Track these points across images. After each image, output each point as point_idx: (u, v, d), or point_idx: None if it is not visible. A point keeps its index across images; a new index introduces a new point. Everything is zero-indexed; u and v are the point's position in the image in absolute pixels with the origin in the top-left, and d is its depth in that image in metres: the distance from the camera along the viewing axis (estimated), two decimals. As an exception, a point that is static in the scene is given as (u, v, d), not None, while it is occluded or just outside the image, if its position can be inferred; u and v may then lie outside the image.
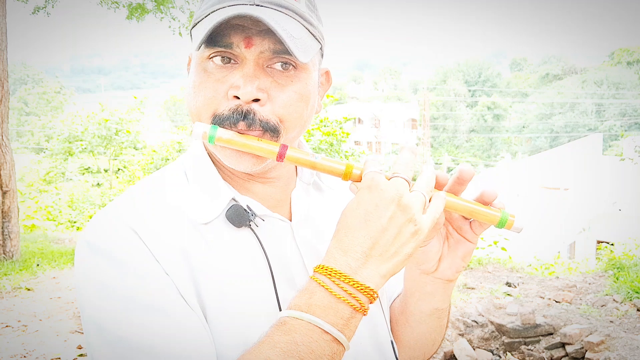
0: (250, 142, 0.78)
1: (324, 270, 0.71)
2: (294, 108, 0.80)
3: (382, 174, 0.75)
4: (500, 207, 0.83)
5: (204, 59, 0.80)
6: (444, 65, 54.48)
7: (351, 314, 0.70)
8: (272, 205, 0.88)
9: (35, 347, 4.23)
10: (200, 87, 0.80)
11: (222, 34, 0.77)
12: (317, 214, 0.93)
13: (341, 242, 0.72)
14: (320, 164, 0.80)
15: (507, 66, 66.46)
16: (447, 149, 41.27)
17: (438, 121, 42.72)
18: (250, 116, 0.77)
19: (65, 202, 16.64)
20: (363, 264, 0.71)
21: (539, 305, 4.96)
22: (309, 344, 0.67)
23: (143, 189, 0.84)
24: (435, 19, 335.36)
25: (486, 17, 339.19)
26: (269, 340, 0.68)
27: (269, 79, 0.79)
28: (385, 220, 0.72)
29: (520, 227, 0.82)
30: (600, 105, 39.84)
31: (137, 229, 0.76)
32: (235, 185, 0.87)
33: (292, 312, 0.69)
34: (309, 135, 14.52)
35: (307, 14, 0.82)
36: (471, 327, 4.80)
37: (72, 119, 19.36)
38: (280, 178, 0.90)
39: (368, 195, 0.73)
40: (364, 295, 0.70)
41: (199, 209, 0.82)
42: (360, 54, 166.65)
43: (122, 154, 19.97)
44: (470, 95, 45.94)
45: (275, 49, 0.77)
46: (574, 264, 7.29)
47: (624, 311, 4.69)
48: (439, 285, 0.91)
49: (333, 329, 0.68)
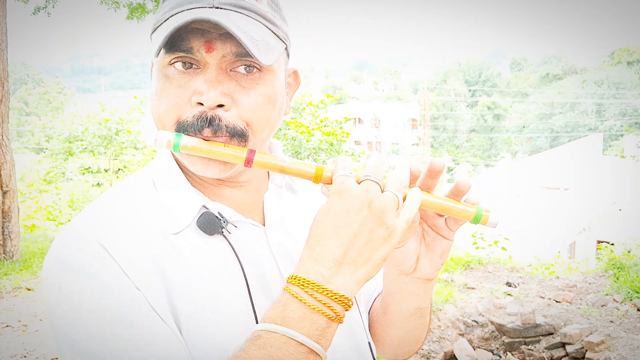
0: (217, 148, 0.76)
1: (296, 280, 0.70)
2: (260, 111, 0.78)
3: (353, 177, 0.73)
4: (475, 203, 0.81)
5: (165, 65, 0.78)
6: (444, 65, 54.50)
7: (326, 323, 0.69)
8: (244, 210, 0.86)
9: (35, 347, 4.23)
10: (163, 94, 0.78)
11: (182, 38, 0.75)
12: (291, 216, 0.91)
13: (313, 250, 0.71)
14: (289, 168, 0.78)
15: (507, 66, 66.44)
16: (447, 149, 41.27)
17: (438, 121, 42.72)
18: (215, 122, 0.75)
19: (66, 202, 16.65)
20: (336, 272, 0.69)
21: (539, 305, 4.96)
22: (284, 357, 0.66)
23: (110, 201, 0.81)
24: (435, 19, 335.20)
25: (486, 17, 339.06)
26: (244, 355, 0.67)
27: (233, 83, 0.77)
28: (356, 226, 0.70)
29: (495, 221, 0.81)
30: (600, 105, 39.84)
31: (105, 244, 0.73)
32: (205, 191, 0.85)
33: (267, 325, 0.68)
34: (309, 135, 14.52)
35: (270, 14, 0.80)
36: (471, 327, 4.80)
37: (73, 119, 19.37)
38: (251, 181, 0.88)
39: (338, 201, 0.71)
40: (339, 304, 0.69)
41: (169, 218, 0.80)
42: (360, 54, 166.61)
43: (122, 154, 19.97)
44: (471, 95, 45.93)
45: (237, 52, 0.75)
46: (574, 264, 7.30)
47: (624, 311, 4.69)
48: (419, 284, 0.90)
49: (309, 340, 0.67)
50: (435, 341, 4.59)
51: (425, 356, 4.43)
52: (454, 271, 6.08)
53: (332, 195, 0.73)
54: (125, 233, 0.76)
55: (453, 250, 7.88)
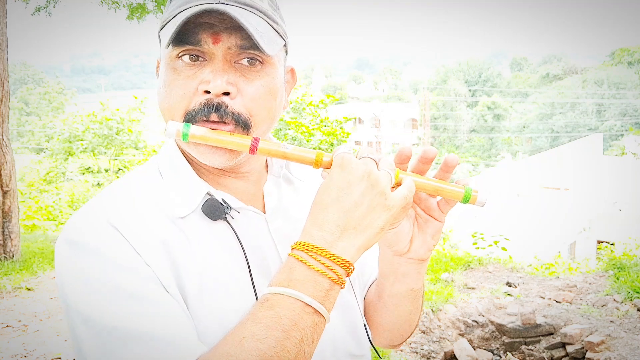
0: (223, 137, 0.80)
1: (301, 246, 0.74)
2: (262, 101, 0.83)
3: (352, 154, 0.79)
4: (464, 184, 0.86)
5: (173, 59, 0.82)
6: (445, 65, 54.44)
7: (330, 285, 0.73)
8: (245, 199, 0.91)
9: (35, 347, 4.24)
10: (171, 86, 0.82)
11: (190, 32, 0.79)
12: (289, 205, 0.96)
13: (316, 218, 0.76)
14: (291, 154, 0.83)
15: (508, 66, 66.41)
16: (447, 149, 41.23)
17: (438, 121, 42.70)
18: (222, 108, 0.80)
19: (66, 202, 16.63)
20: (338, 237, 0.74)
21: (539, 305, 4.96)
22: (291, 317, 0.70)
23: (119, 188, 0.86)
24: (435, 19, 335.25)
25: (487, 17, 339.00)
26: (253, 316, 0.71)
27: (237, 74, 0.81)
28: (357, 196, 0.75)
29: (483, 200, 0.86)
30: (600, 105, 39.82)
31: (117, 225, 0.77)
32: (209, 181, 0.89)
33: (274, 289, 0.72)
34: (310, 135, 14.52)
35: (271, 12, 0.84)
36: (472, 327, 4.80)
37: (73, 118, 19.36)
38: (252, 172, 0.93)
39: (339, 173, 0.77)
40: (341, 267, 0.74)
41: (175, 203, 0.84)
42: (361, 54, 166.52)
43: (122, 154, 19.97)
44: (471, 95, 45.91)
45: (242, 44, 0.80)
46: (574, 264, 7.29)
47: (625, 311, 4.69)
48: (413, 265, 0.94)
49: (314, 301, 0.71)
50: (435, 341, 4.59)
51: (425, 356, 4.43)
52: (454, 271, 6.07)
53: (334, 168, 0.78)
54: (135, 215, 0.80)
55: (453, 250, 7.88)
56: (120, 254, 0.75)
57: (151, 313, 0.72)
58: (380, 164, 0.80)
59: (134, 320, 0.71)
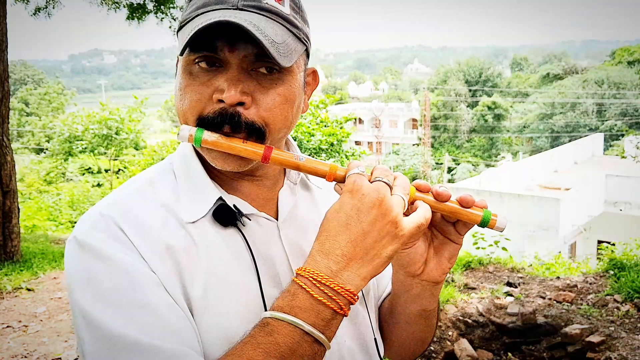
0: (235, 144, 0.79)
1: (305, 272, 0.73)
2: (278, 110, 0.81)
3: (365, 177, 0.77)
4: (483, 207, 0.84)
5: (189, 62, 0.81)
6: (445, 65, 54.43)
7: (332, 315, 0.72)
8: (259, 204, 0.90)
9: (36, 348, 4.24)
10: (186, 90, 0.81)
11: (207, 38, 0.77)
12: (303, 213, 0.95)
13: (323, 245, 0.74)
14: (304, 165, 0.82)
15: (508, 66, 66.41)
16: (447, 149, 41.21)
17: (439, 121, 42.67)
18: (235, 119, 0.79)
19: (66, 203, 16.64)
20: (344, 267, 0.73)
21: (539, 305, 4.95)
22: (290, 344, 0.69)
23: (131, 188, 0.85)
24: (435, 19, 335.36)
25: (487, 16, 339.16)
26: (252, 340, 0.70)
27: (253, 82, 0.80)
28: (366, 225, 0.73)
29: (502, 225, 0.84)
30: (601, 105, 39.79)
31: (125, 227, 0.77)
32: (222, 184, 0.88)
33: (275, 314, 0.71)
34: (310, 136, 14.51)
35: (292, 17, 0.82)
36: (472, 327, 4.80)
37: (73, 119, 19.33)
38: (268, 177, 0.91)
39: (350, 199, 0.75)
40: (344, 297, 0.72)
41: (186, 207, 0.83)
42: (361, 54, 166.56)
43: (122, 154, 19.95)
44: (471, 95, 45.88)
45: (258, 53, 0.78)
46: (574, 264, 7.28)
47: (625, 311, 4.69)
48: (426, 287, 0.92)
49: (314, 330, 0.70)
50: (435, 341, 4.59)
51: (425, 356, 4.43)
52: (454, 271, 6.07)
53: (345, 193, 0.76)
54: (143, 219, 0.80)
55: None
56: (125, 259, 0.75)
57: (153, 322, 0.72)
58: (395, 188, 0.77)
59: (136, 328, 0.71)
